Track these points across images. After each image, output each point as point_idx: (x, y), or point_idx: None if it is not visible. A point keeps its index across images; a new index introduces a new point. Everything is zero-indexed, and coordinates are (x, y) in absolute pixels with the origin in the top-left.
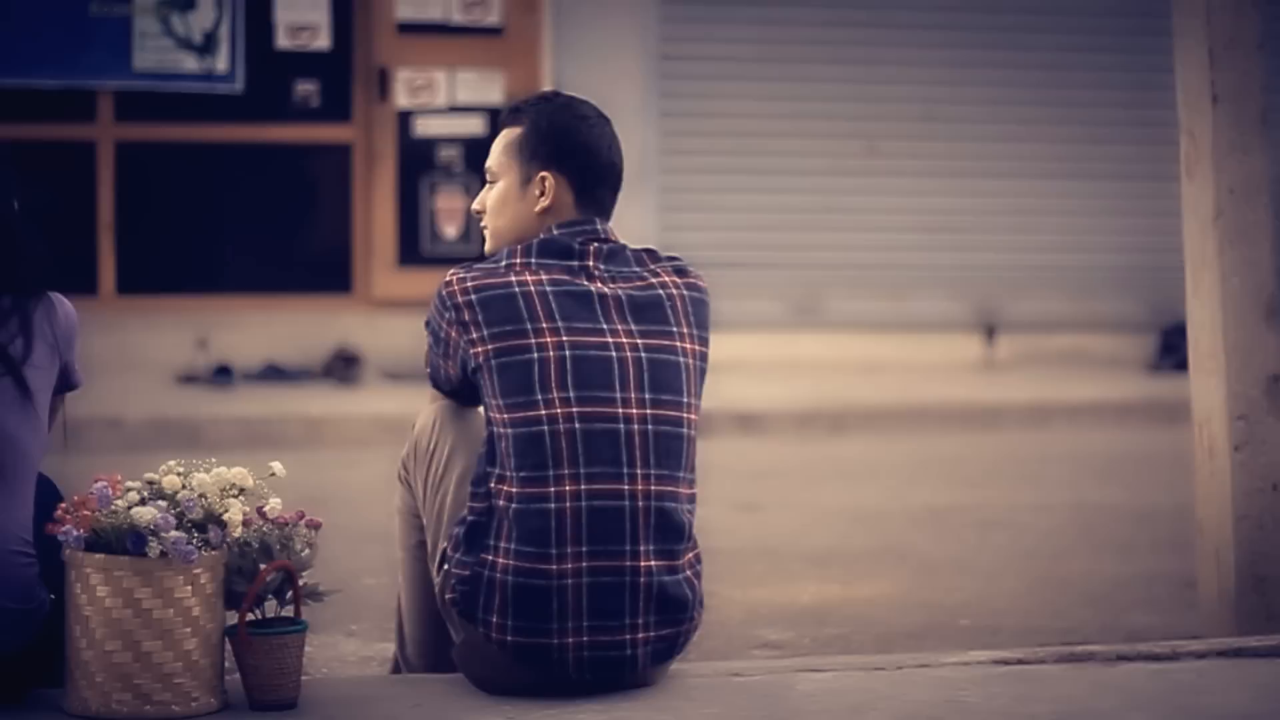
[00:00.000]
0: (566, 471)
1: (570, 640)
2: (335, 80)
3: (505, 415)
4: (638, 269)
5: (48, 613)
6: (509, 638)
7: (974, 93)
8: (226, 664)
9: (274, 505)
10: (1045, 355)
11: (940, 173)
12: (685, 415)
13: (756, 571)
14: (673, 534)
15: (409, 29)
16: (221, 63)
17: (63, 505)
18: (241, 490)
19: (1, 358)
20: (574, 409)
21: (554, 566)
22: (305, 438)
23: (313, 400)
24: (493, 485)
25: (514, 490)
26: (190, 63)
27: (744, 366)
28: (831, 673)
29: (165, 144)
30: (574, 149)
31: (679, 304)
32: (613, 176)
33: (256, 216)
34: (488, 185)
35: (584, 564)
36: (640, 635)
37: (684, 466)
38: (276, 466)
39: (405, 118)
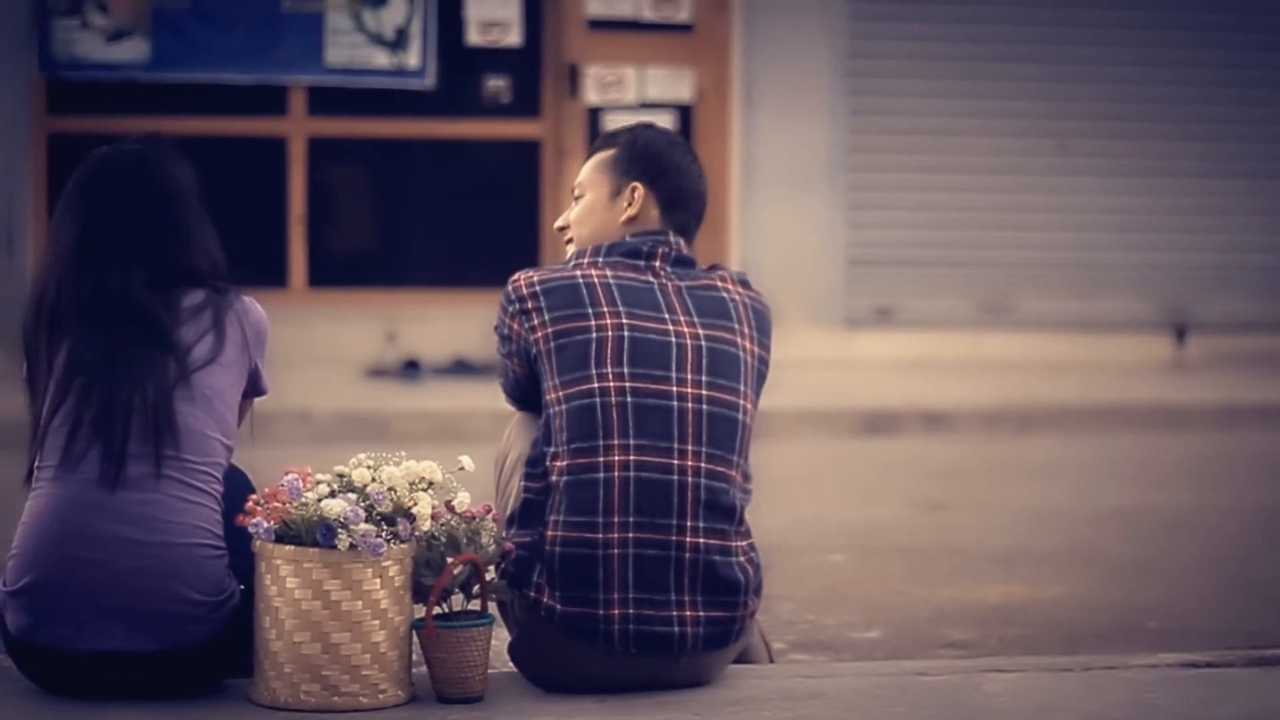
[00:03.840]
0: (616, 442)
1: (616, 612)
2: (525, 77)
3: (560, 393)
4: (704, 272)
5: (237, 604)
6: (558, 606)
7: (1165, 91)
8: (413, 657)
9: (462, 499)
10: (1236, 356)
11: (1131, 171)
12: (741, 402)
13: (943, 571)
14: (722, 514)
15: (599, 26)
16: (413, 59)
17: (253, 497)
18: (430, 484)
19: (180, 358)
20: (626, 383)
21: (600, 536)
22: (493, 432)
23: (500, 395)
24: (548, 463)
25: (565, 464)
26: (382, 58)
27: (931, 365)
28: (1018, 674)
29: (356, 139)
30: (665, 168)
31: (741, 308)
32: (697, 204)
33: (446, 211)
34: (574, 203)
35: (630, 534)
36: (689, 613)
37: (737, 451)
38: (465, 461)
39: (595, 114)
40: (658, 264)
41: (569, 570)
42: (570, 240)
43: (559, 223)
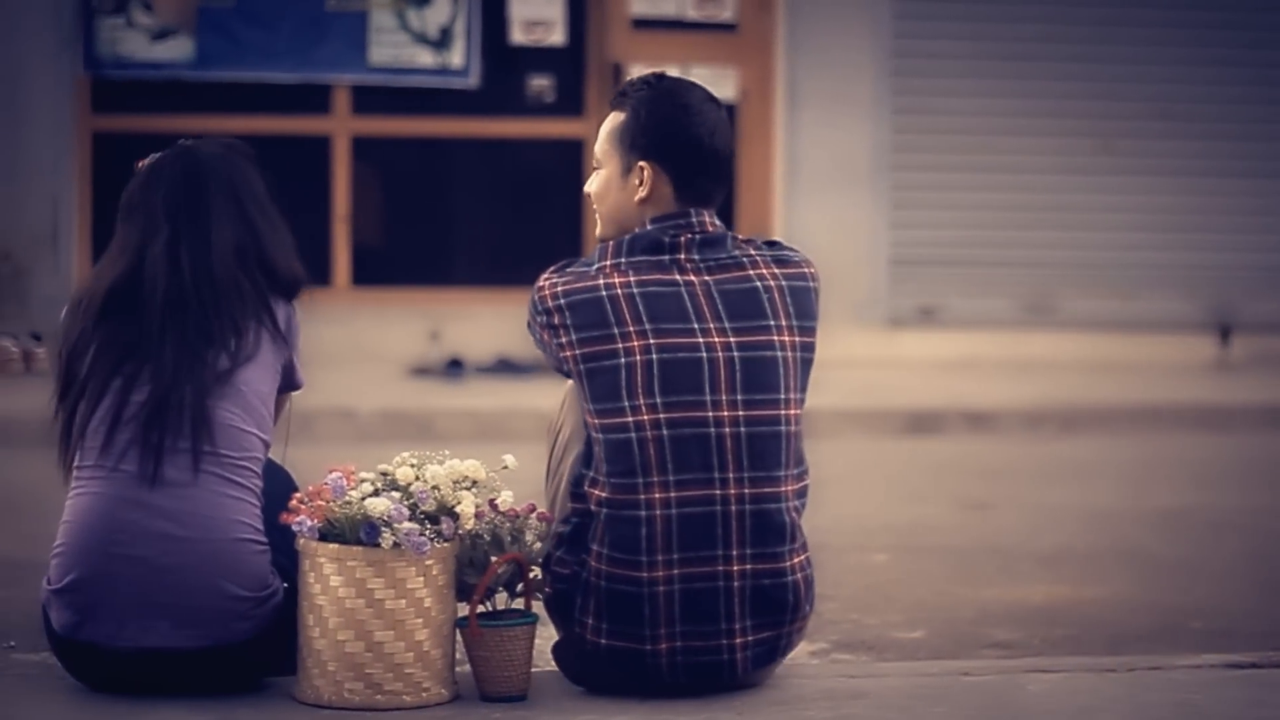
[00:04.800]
0: (656, 479)
1: (664, 646)
2: (569, 76)
3: (596, 420)
4: (735, 255)
5: (280, 601)
6: (603, 640)
7: (1210, 91)
8: (457, 655)
9: (506, 498)
10: None
11: (1175, 171)
12: (783, 413)
13: (986, 571)
14: (773, 536)
15: (643, 25)
16: (456, 58)
17: (297, 495)
18: (474, 482)
19: (221, 356)
20: (661, 415)
21: (644, 574)
22: (536, 431)
23: (543, 394)
24: (587, 488)
25: (605, 495)
26: (425, 57)
27: (975, 365)
28: (1062, 674)
29: (400, 138)
30: (674, 140)
31: (776, 295)
32: (715, 165)
33: (489, 210)
34: (595, 171)
35: (675, 571)
36: (738, 640)
37: (784, 465)
38: (509, 459)
39: None
40: (683, 256)
41: (614, 607)
42: (596, 211)
43: (586, 188)
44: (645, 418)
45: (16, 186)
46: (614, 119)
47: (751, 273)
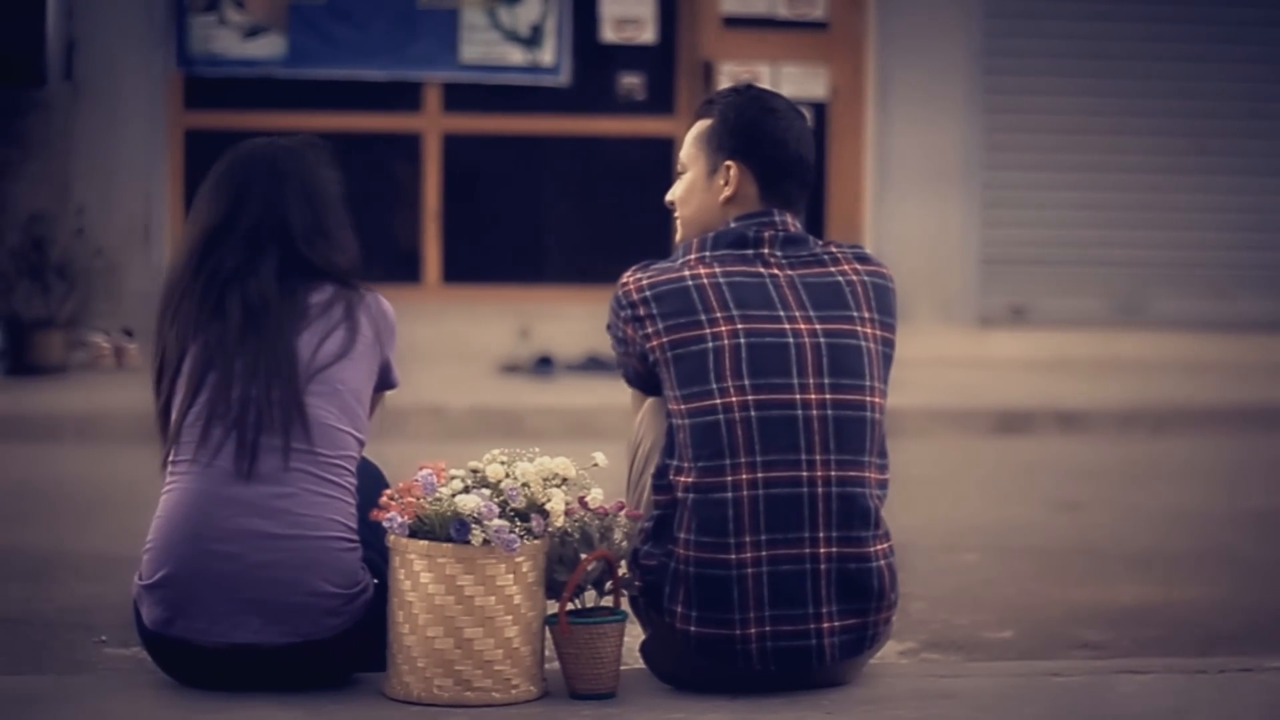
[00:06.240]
0: (743, 460)
1: (753, 631)
2: (660, 74)
3: (682, 406)
4: (817, 252)
5: (370, 597)
6: (692, 628)
7: None
8: (546, 652)
9: (595, 495)
10: None
11: (1267, 170)
12: (869, 399)
13: (1076, 571)
14: (858, 520)
15: (734, 23)
16: (547, 55)
17: (388, 492)
18: (564, 480)
19: (308, 351)
20: (749, 396)
21: (733, 556)
22: (626, 429)
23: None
24: (672, 477)
25: (691, 480)
26: (516, 55)
27: (1065, 364)
28: (1152, 675)
29: (491, 135)
30: (760, 141)
31: (859, 290)
32: (799, 169)
33: (579, 208)
34: (679, 177)
35: (763, 553)
36: (825, 625)
37: (869, 451)
38: (599, 457)
39: None
40: (766, 251)
41: (703, 592)
42: (678, 217)
43: (668, 197)
44: (734, 399)
45: (110, 182)
46: (700, 125)
47: (833, 269)
